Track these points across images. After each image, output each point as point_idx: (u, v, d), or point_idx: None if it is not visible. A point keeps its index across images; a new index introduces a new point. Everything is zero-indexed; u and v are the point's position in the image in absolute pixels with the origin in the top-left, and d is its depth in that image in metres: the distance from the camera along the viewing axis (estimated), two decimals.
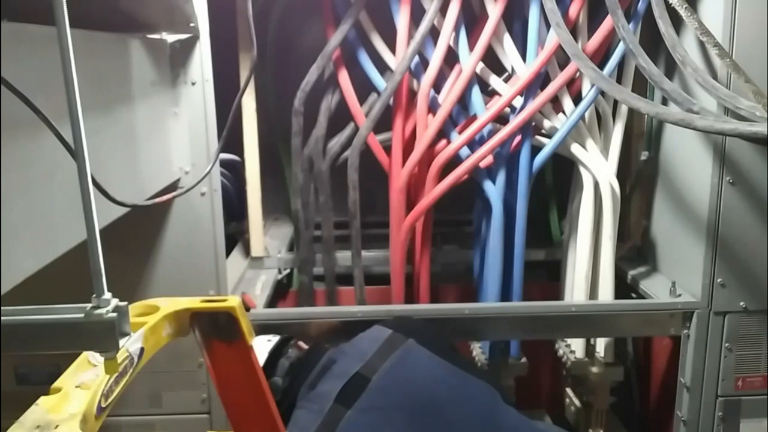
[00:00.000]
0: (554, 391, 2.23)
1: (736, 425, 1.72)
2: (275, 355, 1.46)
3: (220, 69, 1.58)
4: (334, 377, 1.36)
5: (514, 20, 1.79)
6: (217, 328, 1.20)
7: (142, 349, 0.98)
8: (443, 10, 1.72)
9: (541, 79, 1.75)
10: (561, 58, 1.74)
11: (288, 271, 2.07)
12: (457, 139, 1.78)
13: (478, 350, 1.98)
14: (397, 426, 1.29)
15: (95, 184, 0.80)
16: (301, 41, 2.07)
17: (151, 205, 1.23)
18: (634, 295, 1.89)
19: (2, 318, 0.70)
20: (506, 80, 1.80)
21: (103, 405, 0.87)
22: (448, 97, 1.77)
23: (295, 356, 1.46)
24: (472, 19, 1.81)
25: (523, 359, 1.93)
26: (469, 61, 1.75)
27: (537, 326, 1.73)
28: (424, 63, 1.79)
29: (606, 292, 1.82)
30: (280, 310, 1.89)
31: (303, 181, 1.91)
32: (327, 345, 1.51)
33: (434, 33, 1.75)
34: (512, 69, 1.79)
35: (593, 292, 1.85)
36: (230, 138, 1.50)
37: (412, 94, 1.82)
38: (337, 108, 1.89)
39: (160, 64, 1.48)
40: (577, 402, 2.03)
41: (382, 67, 1.84)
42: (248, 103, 1.89)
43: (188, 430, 1.66)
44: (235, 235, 2.16)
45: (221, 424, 1.59)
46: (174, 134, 1.54)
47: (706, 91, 1.42)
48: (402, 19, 1.74)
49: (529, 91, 1.74)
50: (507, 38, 1.77)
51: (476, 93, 1.78)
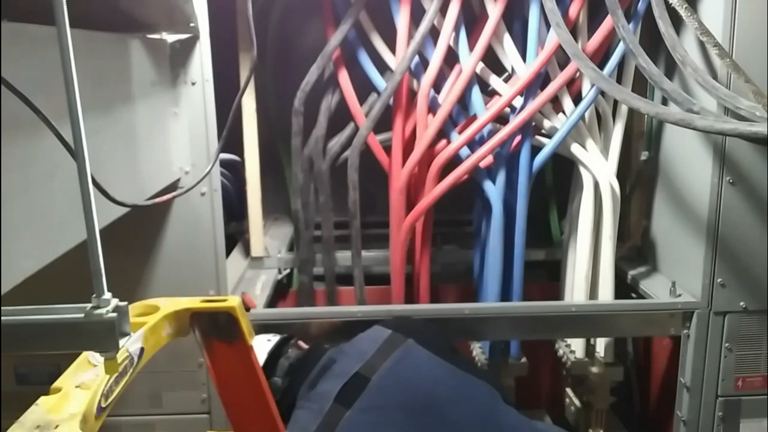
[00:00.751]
0: (554, 391, 2.23)
1: (736, 425, 1.72)
2: (275, 354, 1.46)
3: (220, 69, 1.58)
4: (334, 377, 1.36)
5: (514, 20, 1.79)
6: (217, 328, 1.20)
7: (142, 349, 0.98)
8: (443, 10, 1.72)
9: (541, 79, 1.75)
10: (561, 58, 1.74)
11: (288, 271, 2.07)
12: (457, 139, 1.78)
13: (478, 350, 1.98)
14: (396, 426, 1.29)
15: (95, 184, 0.80)
16: (301, 41, 2.07)
17: (151, 205, 1.23)
18: (634, 295, 1.89)
19: (2, 318, 0.70)
20: (506, 80, 1.80)
21: (103, 405, 0.87)
22: (448, 97, 1.77)
23: (294, 356, 1.46)
24: (472, 19, 1.81)
25: (523, 359, 1.93)
26: (469, 61, 1.75)
27: (537, 326, 1.73)
28: (424, 63, 1.79)
29: (606, 292, 1.82)
30: (280, 310, 1.89)
31: (303, 181, 1.91)
32: (327, 345, 1.51)
33: (434, 33, 1.75)
34: (512, 69, 1.79)
35: (593, 292, 1.85)
36: (230, 138, 1.50)
37: (412, 94, 1.82)
38: (337, 108, 1.89)
39: (160, 64, 1.48)
40: (577, 402, 2.03)
41: (382, 67, 1.84)
42: (248, 103, 1.89)
43: (188, 430, 1.66)
44: (235, 235, 2.16)
45: (221, 424, 1.59)
46: (174, 134, 1.54)
47: (706, 91, 1.42)
48: (402, 19, 1.74)
49: (529, 91, 1.74)
50: (507, 38, 1.77)
51: (476, 93, 1.78)
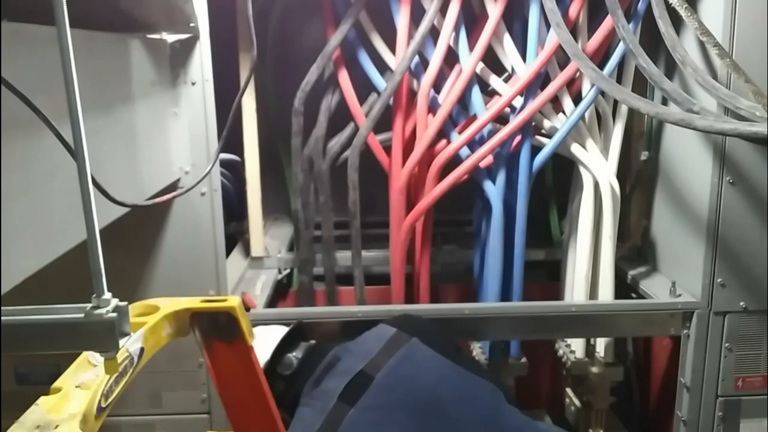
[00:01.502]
0: (554, 391, 2.23)
1: (736, 425, 1.72)
2: (282, 349, 1.47)
3: (220, 69, 1.58)
4: (338, 375, 1.36)
5: (514, 20, 1.79)
6: (217, 328, 1.20)
7: (142, 349, 0.98)
8: (443, 10, 1.72)
9: (541, 79, 1.75)
10: (561, 58, 1.73)
11: (288, 271, 2.07)
12: (457, 139, 1.78)
13: (478, 350, 1.98)
14: (399, 424, 1.29)
15: (95, 184, 0.80)
16: (301, 41, 2.07)
17: (151, 205, 1.23)
18: (634, 295, 1.89)
19: (2, 318, 0.70)
20: (506, 80, 1.80)
21: (103, 405, 0.87)
22: (448, 97, 1.77)
23: (303, 352, 1.47)
24: (472, 19, 1.81)
25: (523, 359, 1.93)
26: (469, 61, 1.75)
27: (537, 326, 1.73)
28: (424, 63, 1.79)
29: (606, 292, 1.82)
30: (280, 310, 1.89)
31: (303, 181, 1.91)
32: (332, 342, 1.51)
33: (434, 33, 1.75)
34: (512, 69, 1.79)
35: (593, 292, 1.85)
36: (230, 138, 1.50)
37: (412, 94, 1.82)
38: (337, 108, 1.89)
39: (160, 64, 1.48)
40: (577, 402, 2.03)
41: (382, 67, 1.84)
42: (248, 103, 1.89)
43: (188, 430, 1.66)
44: (235, 235, 2.16)
45: (221, 424, 1.59)
46: (174, 134, 1.54)
47: (706, 91, 1.42)
48: (402, 19, 1.74)
49: (529, 91, 1.74)
50: (507, 38, 1.77)
51: (476, 93, 1.78)
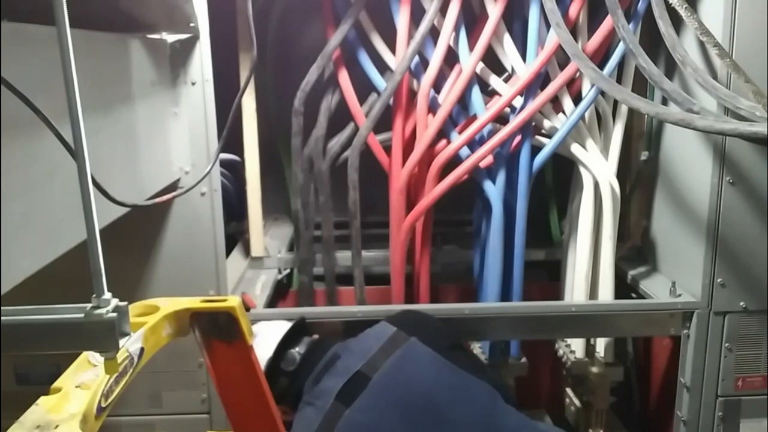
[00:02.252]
0: (554, 391, 2.23)
1: (736, 425, 1.72)
2: (285, 345, 1.47)
3: (220, 69, 1.58)
4: (336, 374, 1.37)
5: (514, 20, 1.79)
6: (217, 328, 1.20)
7: (142, 349, 0.98)
8: (443, 10, 1.72)
9: (541, 79, 1.75)
10: (561, 58, 1.74)
11: (288, 271, 2.07)
12: (457, 139, 1.78)
13: (478, 350, 1.98)
14: (393, 426, 1.29)
15: (95, 184, 0.80)
16: (301, 41, 2.07)
17: (151, 205, 1.23)
18: (634, 295, 1.89)
19: (2, 318, 0.70)
20: (506, 80, 1.81)
21: (103, 405, 0.87)
22: (448, 97, 1.77)
23: (305, 348, 1.47)
24: (472, 19, 1.81)
25: (523, 359, 1.93)
26: (469, 61, 1.75)
27: (537, 326, 1.73)
28: (424, 63, 1.79)
29: (606, 292, 1.82)
30: (280, 310, 1.89)
31: (303, 181, 1.91)
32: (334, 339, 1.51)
33: (434, 33, 1.75)
34: (512, 69, 1.79)
35: (593, 292, 1.85)
36: (230, 138, 1.50)
37: (412, 94, 1.82)
38: (337, 108, 1.89)
39: (160, 64, 1.48)
40: (577, 402, 2.03)
41: (382, 67, 1.84)
42: (248, 103, 1.89)
43: (188, 430, 1.66)
44: (235, 235, 2.16)
45: (221, 424, 1.59)
46: (174, 134, 1.54)
47: (706, 91, 1.42)
48: (402, 19, 1.74)
49: (529, 91, 1.74)
50: (507, 38, 1.77)
51: (476, 93, 1.78)
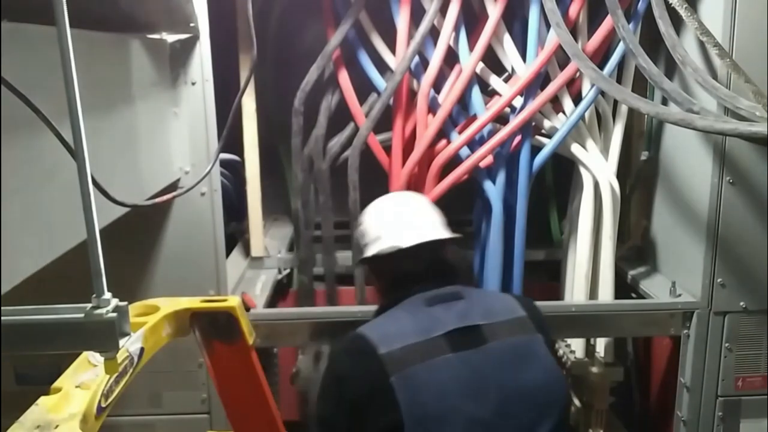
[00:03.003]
0: None
1: (736, 425, 1.72)
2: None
3: (220, 69, 1.58)
4: (453, 310, 1.27)
5: (514, 20, 1.79)
6: (217, 328, 1.20)
7: (142, 349, 0.98)
8: (443, 10, 1.72)
9: (541, 79, 1.75)
10: (561, 58, 1.73)
11: (288, 271, 2.07)
12: (457, 139, 1.78)
13: None
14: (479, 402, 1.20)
15: (95, 184, 0.80)
16: (301, 41, 2.07)
17: (151, 205, 1.23)
18: (634, 295, 1.89)
19: (2, 318, 0.70)
20: (506, 80, 1.81)
21: (103, 405, 0.87)
22: (448, 97, 1.77)
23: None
24: (472, 19, 1.81)
25: None
26: (469, 61, 1.75)
27: None
28: (424, 63, 1.79)
29: (606, 292, 1.82)
30: (280, 310, 1.89)
31: (303, 181, 1.91)
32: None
33: (434, 33, 1.75)
34: (512, 69, 1.79)
35: (593, 292, 1.85)
36: (230, 138, 1.50)
37: (412, 94, 1.82)
38: (337, 108, 1.89)
39: (160, 64, 1.48)
40: (577, 402, 2.03)
41: (382, 67, 1.84)
42: (248, 103, 1.89)
43: (188, 430, 1.66)
44: (235, 235, 2.16)
45: (221, 424, 1.59)
46: (174, 134, 1.54)
47: (706, 91, 1.42)
48: (402, 19, 1.74)
49: (529, 91, 1.74)
50: (507, 38, 1.77)
51: (476, 93, 1.78)
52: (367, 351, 1.19)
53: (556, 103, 1.80)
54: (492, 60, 1.80)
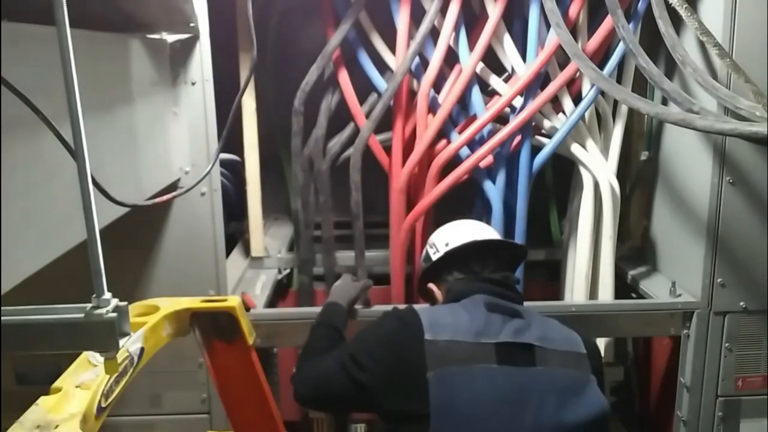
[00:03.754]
0: None
1: (736, 425, 1.72)
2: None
3: (220, 69, 1.58)
4: (513, 327, 1.26)
5: (514, 20, 1.79)
6: (217, 328, 1.20)
7: (142, 349, 0.98)
8: (443, 11, 1.72)
9: (541, 79, 1.75)
10: (561, 58, 1.74)
11: (288, 271, 2.07)
12: (457, 139, 1.78)
13: None
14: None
15: (95, 184, 0.80)
16: (301, 41, 2.07)
17: (151, 205, 1.23)
18: (634, 295, 1.89)
19: (2, 318, 0.70)
20: (506, 80, 1.81)
21: (103, 405, 0.87)
22: (448, 97, 1.77)
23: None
24: (472, 19, 1.81)
25: None
26: (469, 61, 1.75)
27: None
28: (424, 63, 1.79)
29: (606, 292, 1.82)
30: (280, 310, 1.89)
31: (303, 181, 1.91)
32: None
33: (434, 33, 1.75)
34: (512, 69, 1.79)
35: (593, 292, 1.85)
36: (230, 138, 1.50)
37: (412, 95, 1.82)
38: (337, 108, 1.89)
39: (160, 64, 1.48)
40: None
41: (382, 67, 1.84)
42: (248, 103, 1.89)
43: (188, 430, 1.66)
44: (235, 235, 2.16)
45: (221, 424, 1.59)
46: (174, 134, 1.54)
47: (706, 91, 1.42)
48: (402, 19, 1.74)
49: (529, 91, 1.74)
50: (507, 38, 1.77)
51: (476, 93, 1.78)
52: (415, 328, 1.20)
53: (556, 103, 1.80)
54: (492, 60, 1.80)
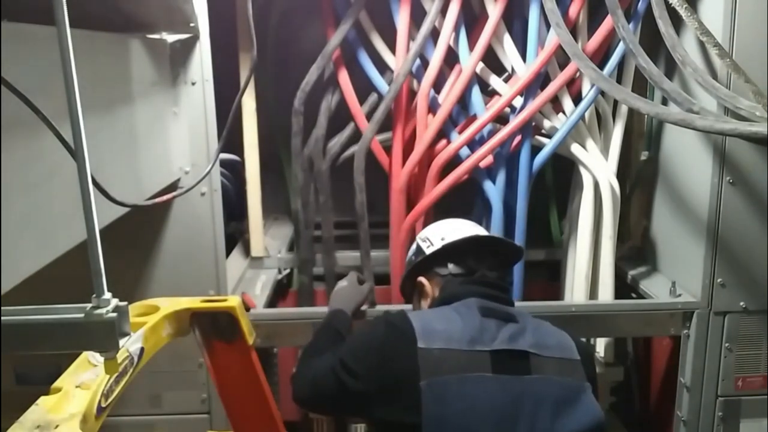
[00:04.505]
0: None
1: (736, 425, 1.72)
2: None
3: (220, 69, 1.58)
4: (508, 334, 1.22)
5: (514, 20, 1.79)
6: (217, 328, 1.20)
7: (142, 349, 0.98)
8: (443, 11, 1.72)
9: (541, 79, 1.75)
10: (561, 58, 1.74)
11: (288, 271, 2.07)
12: (457, 139, 1.78)
13: None
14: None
15: (95, 184, 0.80)
16: (301, 41, 2.07)
17: (151, 205, 1.23)
18: (634, 295, 1.89)
19: (2, 318, 0.70)
20: (506, 80, 1.81)
21: (103, 405, 0.87)
22: (448, 98, 1.77)
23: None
24: (472, 20, 1.81)
25: None
26: (469, 61, 1.75)
27: None
28: (425, 63, 1.79)
29: (606, 292, 1.82)
30: (280, 310, 1.89)
31: (303, 181, 1.91)
32: None
33: (434, 33, 1.75)
34: (512, 69, 1.79)
35: (593, 292, 1.85)
36: (230, 138, 1.50)
37: (412, 95, 1.82)
38: (337, 108, 1.89)
39: (160, 64, 1.48)
40: None
41: (382, 67, 1.84)
42: (248, 103, 1.89)
43: (188, 430, 1.66)
44: (235, 235, 2.16)
45: (221, 424, 1.59)
46: (174, 134, 1.54)
47: (706, 91, 1.42)
48: (402, 19, 1.74)
49: (529, 91, 1.74)
50: (507, 38, 1.77)
51: (476, 93, 1.78)
52: (407, 335, 1.15)
53: (556, 103, 1.80)
54: (492, 60, 1.80)
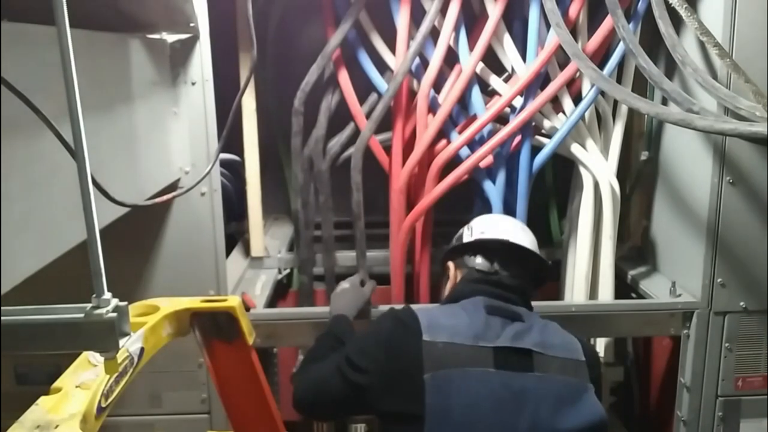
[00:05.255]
0: None
1: (736, 425, 1.72)
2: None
3: (220, 69, 1.58)
4: (514, 331, 1.26)
5: (514, 20, 1.79)
6: (217, 328, 1.20)
7: (142, 349, 0.98)
8: (443, 11, 1.72)
9: (541, 79, 1.75)
10: (561, 58, 1.74)
11: (288, 271, 2.07)
12: (457, 139, 1.78)
13: None
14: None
15: (95, 184, 0.80)
16: (301, 41, 2.07)
17: (151, 205, 1.23)
18: (634, 295, 1.89)
19: (2, 318, 0.70)
20: (506, 80, 1.81)
21: (103, 405, 0.87)
22: (448, 98, 1.77)
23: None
24: (472, 19, 1.81)
25: None
26: (469, 61, 1.74)
27: None
28: (424, 63, 1.79)
29: (606, 292, 1.82)
30: (280, 310, 1.89)
31: (303, 181, 1.91)
32: None
33: (434, 33, 1.75)
34: (512, 69, 1.79)
35: (593, 292, 1.85)
36: (230, 138, 1.50)
37: (412, 95, 1.82)
38: (337, 108, 1.89)
39: (160, 64, 1.48)
40: None
41: (382, 67, 1.84)
42: (248, 103, 1.89)
43: (188, 430, 1.66)
44: (235, 235, 2.16)
45: (221, 424, 1.59)
46: (174, 134, 1.54)
47: (706, 91, 1.42)
48: (402, 19, 1.74)
49: (529, 91, 1.74)
50: (507, 38, 1.77)
51: (476, 93, 1.78)
52: (412, 328, 1.19)
53: (556, 103, 1.80)
54: (492, 60, 1.80)
